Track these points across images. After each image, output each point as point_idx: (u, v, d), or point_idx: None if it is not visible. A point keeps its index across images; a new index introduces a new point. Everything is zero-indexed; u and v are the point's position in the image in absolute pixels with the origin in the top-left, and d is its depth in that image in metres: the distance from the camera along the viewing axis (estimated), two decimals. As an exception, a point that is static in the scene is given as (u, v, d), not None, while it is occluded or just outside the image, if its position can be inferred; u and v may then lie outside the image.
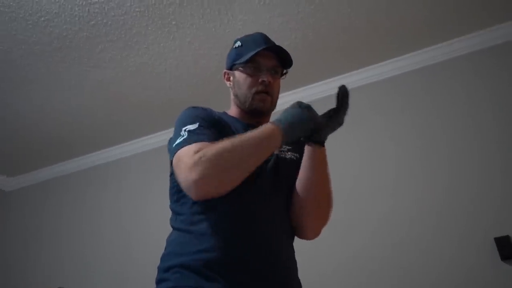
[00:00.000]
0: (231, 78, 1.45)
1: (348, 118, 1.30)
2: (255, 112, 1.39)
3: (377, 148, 2.88)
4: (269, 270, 1.18)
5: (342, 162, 2.85)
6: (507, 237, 2.35)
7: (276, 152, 1.33)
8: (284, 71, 1.44)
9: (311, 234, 1.36)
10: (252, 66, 1.37)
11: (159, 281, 1.20)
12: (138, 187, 3.54)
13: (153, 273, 1.24)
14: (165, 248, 1.26)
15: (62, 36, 2.60)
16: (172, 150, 1.22)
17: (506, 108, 2.64)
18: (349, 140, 2.91)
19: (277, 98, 1.43)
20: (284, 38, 2.70)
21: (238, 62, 1.40)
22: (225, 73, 1.48)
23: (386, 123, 2.92)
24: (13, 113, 3.22)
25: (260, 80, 1.36)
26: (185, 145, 1.18)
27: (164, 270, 1.20)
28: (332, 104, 1.29)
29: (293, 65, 1.43)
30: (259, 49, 1.35)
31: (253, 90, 1.37)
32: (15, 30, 2.52)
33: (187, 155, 1.14)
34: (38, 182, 4.01)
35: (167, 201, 1.39)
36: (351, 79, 3.07)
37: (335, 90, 1.29)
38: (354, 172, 2.85)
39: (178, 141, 1.21)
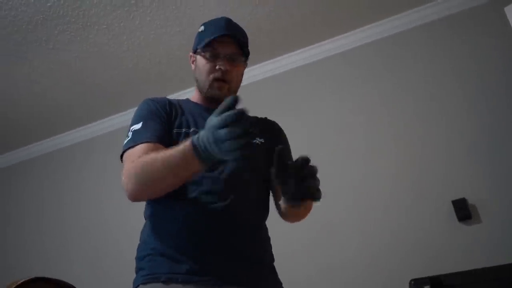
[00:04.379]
0: (194, 62, 1.46)
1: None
2: (212, 99, 1.41)
3: (339, 119, 2.95)
4: (238, 249, 1.24)
5: (312, 134, 2.95)
6: (463, 199, 2.48)
7: None
8: (245, 58, 1.44)
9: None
10: (210, 52, 1.38)
11: (137, 271, 1.27)
12: (107, 168, 3.53)
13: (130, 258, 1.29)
14: (140, 239, 1.32)
15: (18, 19, 2.54)
16: (122, 149, 1.30)
17: (464, 76, 2.74)
18: (312, 112, 2.99)
19: (237, 84, 1.44)
20: (245, 14, 2.71)
21: (199, 46, 1.41)
22: (190, 56, 1.50)
23: (353, 94, 2.98)
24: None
25: (217, 67, 1.37)
26: (128, 148, 1.28)
27: (139, 259, 1.27)
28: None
29: (249, 48, 1.44)
30: (214, 36, 1.36)
31: (211, 76, 1.38)
32: (-32, 14, 2.45)
33: (128, 161, 1.25)
34: (2, 167, 3.95)
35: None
36: (310, 53, 3.13)
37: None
38: (320, 144, 2.93)
39: (125, 141, 1.30)
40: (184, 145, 1.09)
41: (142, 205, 1.38)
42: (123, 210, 3.23)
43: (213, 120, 0.99)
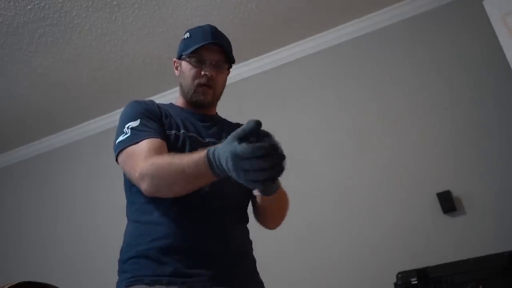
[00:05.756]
0: (179, 68, 1.49)
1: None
2: (196, 104, 1.44)
3: (325, 115, 2.97)
4: (222, 251, 1.26)
5: (298, 130, 2.96)
6: (448, 192, 2.52)
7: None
8: (229, 66, 1.48)
9: (271, 228, 1.49)
10: (196, 58, 1.41)
11: (119, 273, 1.27)
12: (90, 171, 3.50)
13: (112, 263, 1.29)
14: (123, 241, 1.32)
15: (-2, 22, 2.52)
16: (117, 147, 1.28)
17: (446, 69, 2.77)
18: (298, 109, 3.01)
19: (221, 90, 1.47)
20: (228, 12, 2.71)
21: (184, 53, 1.44)
22: (174, 61, 1.52)
23: (338, 90, 3.00)
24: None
25: (202, 73, 1.40)
26: (130, 144, 1.25)
27: (123, 262, 1.27)
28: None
29: (234, 49, 1.47)
30: (203, 43, 1.39)
31: (196, 82, 1.41)
32: None
33: (136, 157, 1.22)
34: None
35: (120, 184, 1.43)
36: (295, 50, 3.14)
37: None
38: (306, 140, 2.94)
39: (121, 138, 1.28)
40: (198, 156, 1.07)
41: (123, 208, 1.38)
42: (104, 213, 3.24)
43: (237, 148, 0.91)
